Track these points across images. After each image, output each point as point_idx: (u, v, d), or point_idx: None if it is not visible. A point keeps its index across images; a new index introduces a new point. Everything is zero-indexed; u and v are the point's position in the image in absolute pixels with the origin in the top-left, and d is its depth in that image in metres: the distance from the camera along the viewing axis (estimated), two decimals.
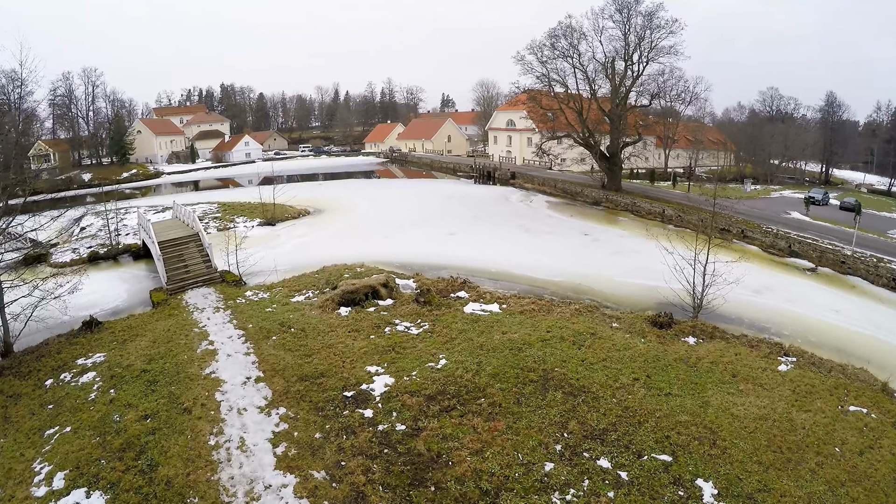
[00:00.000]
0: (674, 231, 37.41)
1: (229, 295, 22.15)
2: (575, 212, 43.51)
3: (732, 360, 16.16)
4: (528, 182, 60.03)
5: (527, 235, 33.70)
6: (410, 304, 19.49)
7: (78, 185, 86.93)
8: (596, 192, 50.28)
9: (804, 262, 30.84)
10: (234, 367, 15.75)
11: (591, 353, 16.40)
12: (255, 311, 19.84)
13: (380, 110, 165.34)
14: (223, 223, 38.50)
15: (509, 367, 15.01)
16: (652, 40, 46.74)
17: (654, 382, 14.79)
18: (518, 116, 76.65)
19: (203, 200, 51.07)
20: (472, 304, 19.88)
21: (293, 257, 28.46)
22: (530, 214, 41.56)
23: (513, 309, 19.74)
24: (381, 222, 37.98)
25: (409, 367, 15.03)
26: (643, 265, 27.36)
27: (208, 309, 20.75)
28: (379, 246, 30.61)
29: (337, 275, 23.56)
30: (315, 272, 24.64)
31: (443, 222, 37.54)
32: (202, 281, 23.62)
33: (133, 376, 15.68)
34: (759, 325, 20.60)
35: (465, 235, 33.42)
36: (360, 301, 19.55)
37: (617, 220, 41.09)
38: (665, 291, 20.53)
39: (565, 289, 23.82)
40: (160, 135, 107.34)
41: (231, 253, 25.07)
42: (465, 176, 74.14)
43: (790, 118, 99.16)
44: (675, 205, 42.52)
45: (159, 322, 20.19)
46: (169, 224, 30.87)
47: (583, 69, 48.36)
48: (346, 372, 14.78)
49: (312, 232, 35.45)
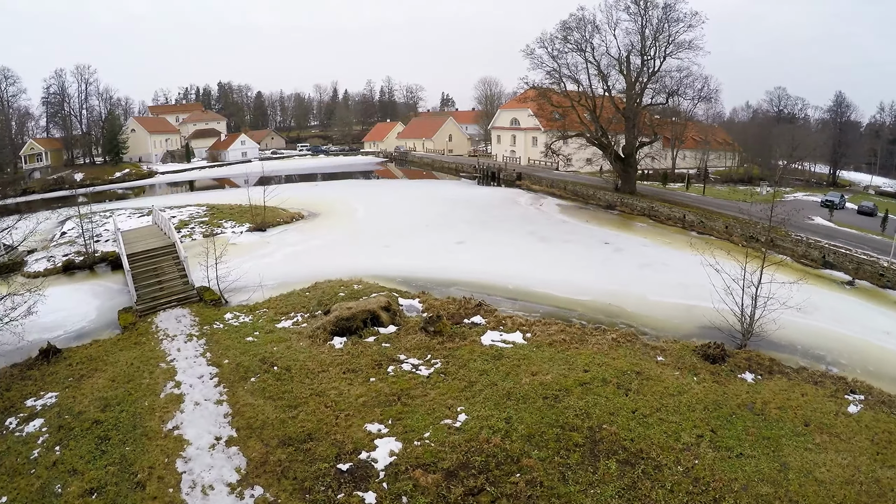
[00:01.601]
0: (698, 239, 34.67)
1: (206, 318, 19.05)
2: (589, 217, 40.44)
3: (800, 403, 13.92)
4: (536, 184, 56.94)
5: (542, 244, 30.56)
6: (417, 334, 16.37)
7: (70, 184, 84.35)
8: (609, 195, 47.24)
9: (840, 275, 28.08)
10: (203, 420, 12.69)
11: (641, 400, 13.42)
12: (234, 341, 16.76)
13: (379, 109, 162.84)
14: (210, 228, 35.34)
15: (546, 425, 11.94)
16: (670, 34, 43.65)
17: (720, 439, 12.21)
18: (525, 115, 73.58)
19: (192, 202, 47.98)
20: (490, 334, 16.80)
21: (282, 270, 25.33)
22: (542, 220, 38.43)
23: (540, 339, 16.67)
24: (381, 228, 34.83)
25: (421, 425, 11.94)
26: (676, 280, 24.66)
27: (180, 337, 17.67)
28: (378, 257, 27.51)
29: (331, 293, 20.44)
30: (306, 289, 21.51)
31: (448, 228, 34.41)
32: (177, 300, 20.52)
33: (84, 429, 12.93)
34: (813, 352, 18.22)
35: (473, 244, 30.28)
36: (357, 329, 16.45)
37: (635, 226, 38.04)
38: (705, 312, 18.60)
39: (594, 310, 20.75)
40: (155, 133, 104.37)
41: (213, 265, 21.99)
42: (467, 176, 71.09)
43: (795, 119, 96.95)
44: (695, 209, 39.52)
45: (123, 352, 17.20)
46: (144, 233, 27.60)
47: (596, 64, 45.28)
48: (339, 432, 11.69)
49: (305, 239, 32.24)
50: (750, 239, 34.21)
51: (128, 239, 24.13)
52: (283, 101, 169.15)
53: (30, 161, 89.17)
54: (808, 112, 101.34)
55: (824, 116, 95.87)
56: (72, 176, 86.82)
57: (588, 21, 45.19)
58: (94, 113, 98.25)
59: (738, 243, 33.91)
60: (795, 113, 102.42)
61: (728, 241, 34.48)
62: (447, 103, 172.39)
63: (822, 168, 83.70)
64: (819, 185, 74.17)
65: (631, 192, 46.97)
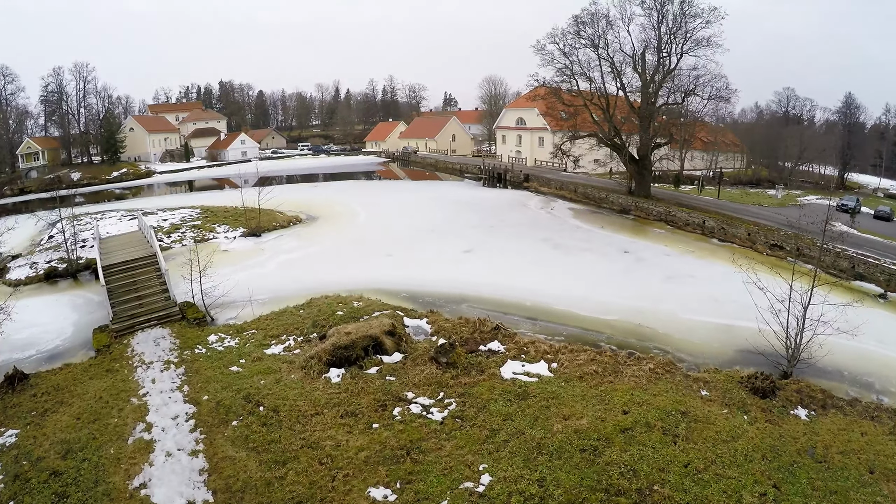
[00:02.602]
0: (719, 247, 32.55)
1: (188, 340, 16.93)
2: (604, 222, 38.23)
3: (861, 445, 12.32)
4: (545, 186, 54.70)
5: (557, 253, 28.35)
6: (427, 366, 14.18)
7: (66, 184, 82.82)
8: (623, 199, 45.03)
9: (872, 287, 25.97)
10: (174, 477, 10.60)
11: (693, 450, 11.32)
12: (216, 371, 14.63)
13: (381, 108, 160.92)
14: (202, 233, 33.19)
15: (588, 489, 9.80)
16: (687, 30, 41.40)
17: (785, 497, 10.48)
18: (532, 114, 71.42)
19: (187, 204, 45.83)
20: (511, 364, 14.65)
21: (276, 281, 23.19)
22: (555, 225, 36.20)
23: (568, 371, 14.51)
24: (384, 234, 32.63)
25: (436, 490, 9.78)
26: (705, 294, 22.61)
27: (157, 364, 15.56)
28: (381, 267, 25.33)
29: (328, 311, 18.28)
30: (300, 306, 19.33)
31: (455, 234, 32.20)
32: (157, 318, 18.40)
33: (41, 481, 11.09)
34: (861, 378, 16.41)
35: (483, 252, 28.08)
36: (357, 359, 14.29)
37: (653, 232, 35.83)
38: (743, 333, 17.36)
39: (624, 332, 18.58)
40: (153, 132, 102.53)
41: (199, 277, 19.89)
42: (472, 177, 68.93)
43: (802, 120, 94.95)
44: (714, 214, 37.30)
45: (93, 381, 15.20)
46: (126, 240, 25.35)
47: (610, 60, 43.04)
48: (337, 499, 9.55)
49: (302, 246, 30.01)
50: (773, 247, 32.13)
51: (107, 248, 22.04)
52: (285, 101, 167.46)
53: (26, 160, 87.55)
54: (816, 113, 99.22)
55: (833, 118, 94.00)
56: (68, 175, 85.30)
57: (602, 15, 43.04)
58: (93, 111, 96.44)
59: (763, 251, 31.87)
60: (803, 114, 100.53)
61: (751, 248, 32.39)
62: (450, 103, 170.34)
63: (828, 170, 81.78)
64: (827, 187, 72.42)
65: (646, 195, 44.77)
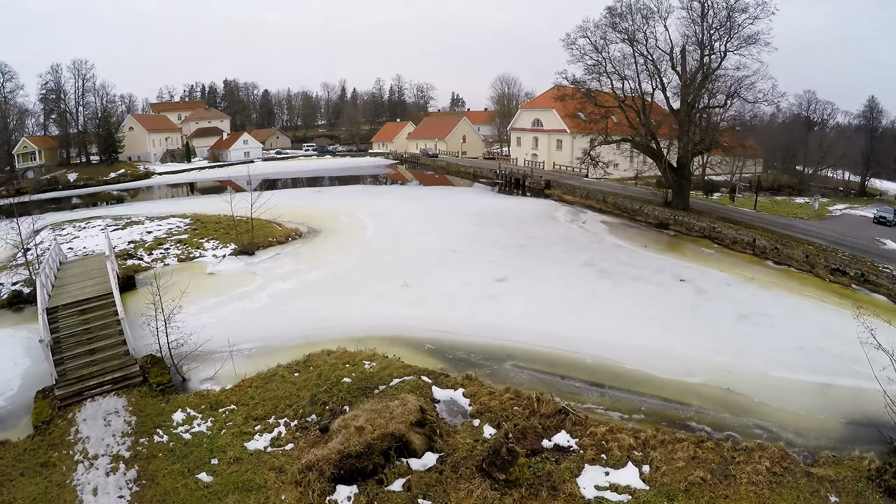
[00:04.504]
0: (777, 271, 28.20)
1: (147, 420, 12.69)
2: (645, 239, 33.80)
3: None
4: (569, 193, 50.30)
5: (606, 283, 23.90)
6: (476, 481, 9.87)
7: (63, 185, 79.67)
8: (659, 211, 40.65)
9: None
10: None
11: None
12: (178, 481, 10.39)
13: (388, 108, 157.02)
14: (187, 250, 28.88)
15: None
16: (731, 26, 36.89)
17: None
18: (551, 115, 67.00)
19: (177, 212, 41.66)
20: (590, 472, 10.37)
21: (266, 322, 18.86)
22: (593, 244, 31.66)
23: (668, 479, 10.29)
24: (396, 255, 28.14)
25: None
26: (789, 341, 18.68)
27: (103, 461, 11.37)
28: (396, 303, 20.94)
29: (331, 377, 13.95)
30: (295, 366, 14.95)
31: (481, 257, 27.73)
32: (112, 382, 14.19)
33: None
34: None
35: (519, 281, 23.65)
36: (373, 470, 10.03)
37: (701, 252, 31.37)
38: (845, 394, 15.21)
39: (713, 402, 14.36)
40: (153, 132, 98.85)
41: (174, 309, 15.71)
42: (487, 182, 64.66)
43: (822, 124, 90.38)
44: (762, 231, 32.89)
45: (23, 482, 11.30)
46: (88, 266, 20.42)
47: (650, 58, 38.66)
48: None
49: (301, 271, 25.57)
50: (835, 272, 27.75)
51: (62, 278, 17.84)
52: (290, 100, 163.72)
53: (23, 160, 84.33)
54: (838, 118, 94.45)
55: (854, 122, 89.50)
56: (65, 176, 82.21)
57: (638, 7, 38.68)
58: (91, 110, 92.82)
59: (824, 277, 27.50)
60: (825, 118, 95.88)
61: (811, 273, 28.02)
62: (457, 103, 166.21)
63: (848, 176, 77.50)
64: (848, 194, 68.61)
65: (684, 207, 40.37)
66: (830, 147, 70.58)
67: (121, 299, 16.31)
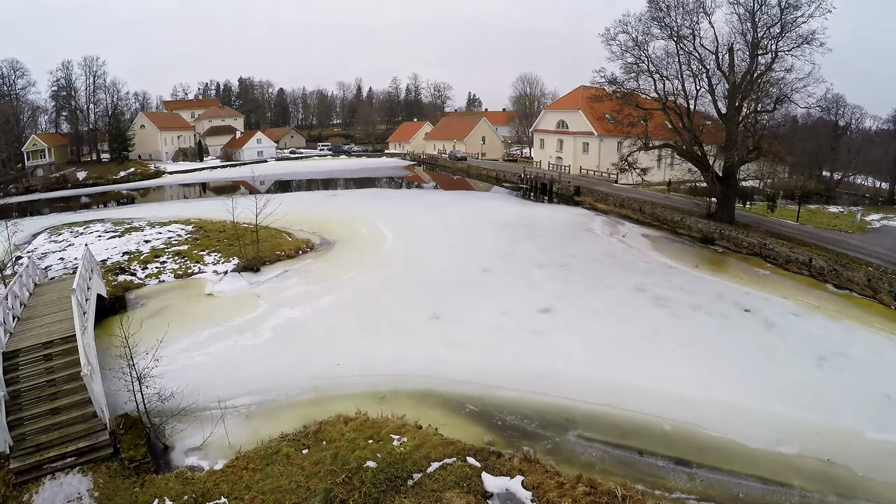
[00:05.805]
0: (838, 296, 24.64)
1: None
2: (693, 257, 30.27)
3: None
4: (601, 202, 46.78)
5: (664, 314, 20.38)
6: None
7: (72, 183, 78.32)
8: (703, 224, 37.07)
9: None
10: None
11: None
12: None
13: (404, 108, 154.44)
14: (185, 264, 25.98)
15: None
16: (783, 24, 33.14)
17: None
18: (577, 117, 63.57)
19: (181, 217, 39.00)
20: None
21: (270, 364, 15.80)
22: (640, 263, 28.08)
23: None
24: (421, 275, 24.76)
25: None
26: (877, 389, 15.40)
27: None
28: (424, 339, 17.69)
29: (349, 461, 10.72)
30: (304, 436, 11.81)
31: (518, 279, 24.29)
32: (76, 454, 11.26)
33: None
34: None
35: (566, 312, 20.16)
36: None
37: (755, 273, 27.73)
38: None
39: (814, 479, 11.29)
40: (165, 130, 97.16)
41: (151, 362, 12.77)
42: (510, 187, 61.37)
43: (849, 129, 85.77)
44: (816, 249, 29.05)
45: None
46: (59, 293, 16.82)
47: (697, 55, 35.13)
48: None
49: (312, 294, 22.27)
50: None
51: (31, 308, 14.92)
52: (306, 98, 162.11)
53: (33, 157, 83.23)
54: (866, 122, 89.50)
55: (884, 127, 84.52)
56: (74, 174, 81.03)
57: (681, 1, 35.18)
58: (102, 107, 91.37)
59: (889, 304, 23.77)
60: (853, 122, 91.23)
61: (874, 300, 24.26)
62: (474, 103, 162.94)
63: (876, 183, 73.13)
64: (876, 201, 64.55)
65: (730, 220, 36.74)
66: (860, 152, 66.57)
67: (93, 342, 13.39)
